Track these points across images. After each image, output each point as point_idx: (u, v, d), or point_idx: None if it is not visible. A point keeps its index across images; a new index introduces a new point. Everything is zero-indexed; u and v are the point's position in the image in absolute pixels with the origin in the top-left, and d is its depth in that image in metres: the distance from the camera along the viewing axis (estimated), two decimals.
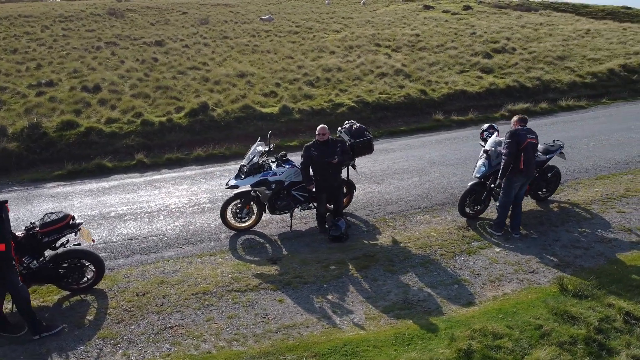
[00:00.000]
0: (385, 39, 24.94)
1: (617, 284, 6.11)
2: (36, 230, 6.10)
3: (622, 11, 42.84)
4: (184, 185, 10.39)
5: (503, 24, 29.74)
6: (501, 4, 43.73)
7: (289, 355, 5.20)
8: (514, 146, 7.24)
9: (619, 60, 19.86)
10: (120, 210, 9.11)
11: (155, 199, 9.61)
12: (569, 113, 15.64)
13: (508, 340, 5.07)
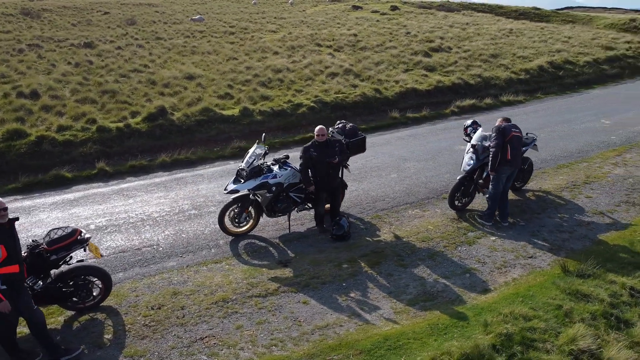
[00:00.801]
0: (325, 39, 25.26)
1: (610, 262, 6.73)
2: (42, 248, 5.71)
3: (532, 12, 46.13)
4: (158, 192, 10.04)
5: (432, 23, 31.11)
6: (424, 4, 45.68)
7: (334, 354, 5.27)
8: (501, 138, 7.75)
9: (545, 57, 21.52)
10: (99, 222, 8.67)
11: (133, 208, 9.22)
12: (510, 107, 16.74)
13: (538, 321, 5.46)
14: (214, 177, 10.74)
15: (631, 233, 7.64)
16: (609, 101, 16.95)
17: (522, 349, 5.02)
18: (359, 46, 23.67)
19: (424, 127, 14.65)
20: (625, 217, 8.24)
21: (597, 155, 11.31)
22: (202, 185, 10.36)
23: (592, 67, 21.49)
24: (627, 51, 24.05)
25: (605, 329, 5.32)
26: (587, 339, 4.97)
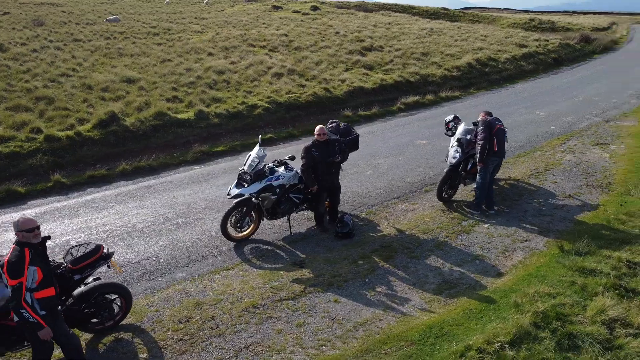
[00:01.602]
0: (256, 39, 25.12)
1: (597, 240, 7.45)
2: (67, 268, 5.31)
3: (442, 12, 48.84)
4: (131, 202, 9.57)
5: (357, 23, 31.97)
6: (341, 4, 46.72)
7: (387, 348, 5.41)
8: (488, 131, 8.29)
9: (470, 55, 22.96)
10: (80, 237, 8.12)
11: (112, 220, 8.73)
12: (450, 103, 17.73)
13: (563, 297, 5.96)
14: (185, 183, 10.40)
15: (603, 212, 8.49)
16: (535, 94, 18.47)
17: (560, 324, 5.47)
18: (293, 46, 23.79)
19: (377, 124, 15.09)
20: (592, 199, 9.12)
21: (546, 144, 12.35)
22: (177, 192, 10.00)
23: (512, 64, 23.26)
24: (538, 48, 26.29)
25: (619, 299, 5.92)
26: (616, 309, 5.53)
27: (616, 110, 15.56)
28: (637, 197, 8.91)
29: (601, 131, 13.30)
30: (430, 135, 13.30)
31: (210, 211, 9.03)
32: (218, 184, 10.33)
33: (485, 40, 27.34)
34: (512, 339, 5.19)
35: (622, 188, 9.43)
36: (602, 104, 16.35)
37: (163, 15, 35.63)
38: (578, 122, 14.26)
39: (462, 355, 5.08)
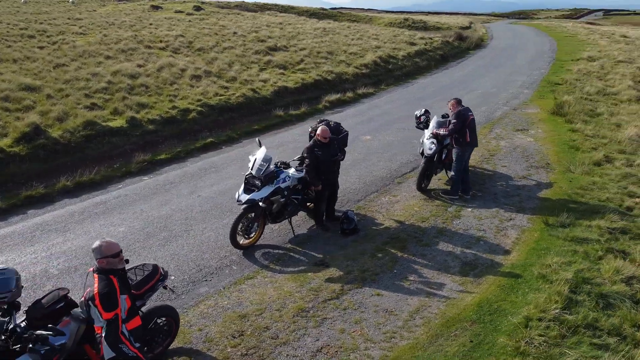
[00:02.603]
0: (151, 40, 23.89)
1: (569, 213, 8.45)
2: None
3: (320, 12, 50.30)
4: (96, 221, 8.78)
5: (249, 23, 31.79)
6: (222, 4, 45.99)
7: (454, 329, 5.71)
8: (459, 124, 8.98)
9: (371, 53, 24.13)
10: (59, 264, 7.31)
11: (85, 242, 7.94)
12: (368, 99, 18.53)
13: (577, 264, 6.73)
14: (144, 196, 9.75)
15: (559, 189, 9.63)
16: (439, 88, 19.99)
17: (589, 287, 6.21)
18: (195, 47, 23.03)
19: (310, 123, 15.18)
20: (542, 178, 10.28)
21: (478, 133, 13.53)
22: (140, 205, 9.35)
23: (409, 61, 24.90)
24: (425, 46, 28.40)
25: (622, 260, 6.86)
26: (628, 267, 6.41)
27: (516, 100, 17.50)
28: (579, 174, 10.23)
29: (515, 119, 14.90)
30: (371, 131, 13.86)
31: (193, 221, 8.60)
32: (183, 193, 9.83)
33: (378, 39, 28.85)
34: (563, 305, 5.78)
35: (560, 167, 10.75)
36: (503, 95, 18.26)
37: (28, 15, 32.13)
38: (492, 112, 15.80)
39: (527, 326, 5.56)
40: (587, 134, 12.65)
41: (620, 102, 16.29)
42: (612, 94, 17.42)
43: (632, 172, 10.07)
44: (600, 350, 5.20)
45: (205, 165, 11.35)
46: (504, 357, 5.20)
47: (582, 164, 10.53)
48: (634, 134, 12.14)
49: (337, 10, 56.15)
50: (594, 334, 5.42)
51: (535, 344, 5.24)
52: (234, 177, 10.45)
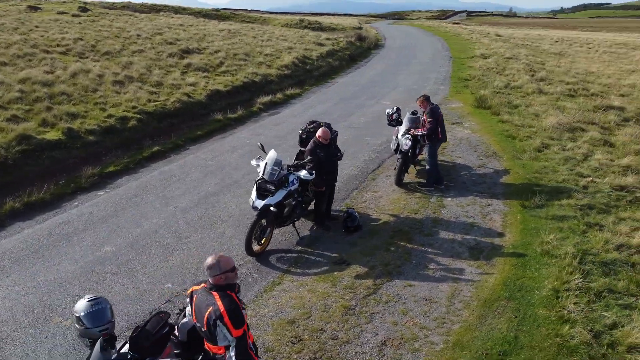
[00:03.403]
0: (47, 44, 21.98)
1: (539, 195, 9.38)
2: None
3: (213, 13, 49.48)
4: (75, 243, 8.10)
5: (148, 25, 30.38)
6: (108, 5, 43.32)
7: (494, 308, 6.17)
8: (435, 121, 9.60)
9: (286, 54, 24.37)
10: (63, 294, 6.67)
11: (80, 266, 7.31)
12: (298, 100, 18.76)
13: (571, 239, 7.56)
14: (112, 211, 9.12)
15: (517, 175, 10.62)
16: (361, 87, 20.72)
17: (591, 258, 7.04)
18: (101, 51, 21.58)
19: (251, 125, 15.12)
20: (497, 165, 11.26)
21: None
22: (113, 222, 8.76)
23: (323, 61, 25.50)
24: (333, 46, 29.24)
25: (601, 233, 7.83)
26: (614, 238, 7.36)
27: (437, 95, 18.77)
28: (527, 160, 11.37)
29: (446, 113, 15.96)
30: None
31: (186, 233, 8.27)
32: (156, 206, 9.38)
33: (286, 40, 29.12)
34: (581, 275, 6.51)
35: (507, 155, 11.84)
36: (426, 90, 19.46)
37: None
38: None
39: (557, 297, 6.20)
40: (516, 124, 14.03)
41: (527, 95, 18.20)
42: (517, 87, 19.38)
43: (570, 155, 11.42)
44: (627, 309, 5.98)
45: (163, 176, 10.82)
46: (552, 327, 5.76)
47: (525, 151, 11.70)
48: (555, 122, 13.71)
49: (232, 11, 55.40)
50: (616, 297, 6.20)
51: (574, 311, 5.86)
52: (201, 184, 10.17)
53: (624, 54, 38.01)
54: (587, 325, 5.67)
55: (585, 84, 20.78)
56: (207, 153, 12.42)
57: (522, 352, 5.44)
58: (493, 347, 5.52)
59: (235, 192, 9.89)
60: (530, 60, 26.96)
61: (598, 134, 13.26)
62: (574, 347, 5.40)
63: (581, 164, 10.92)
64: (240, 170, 11.03)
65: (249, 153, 12.14)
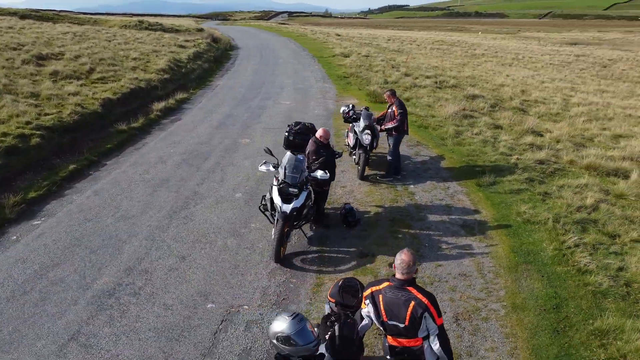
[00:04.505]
0: None
1: (487, 174, 10.65)
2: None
3: (32, 13, 44.62)
4: (42, 281, 7.18)
5: None
6: None
7: (521, 273, 7.10)
8: (404, 114, 10.40)
9: (157, 57, 23.23)
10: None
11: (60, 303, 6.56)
12: (191, 104, 18.13)
13: (540, 207, 8.88)
14: (72, 241, 8.16)
15: (452, 158, 11.88)
16: (249, 89, 20.72)
17: (565, 220, 8.38)
18: None
19: (160, 134, 14.29)
20: (429, 153, 12.44)
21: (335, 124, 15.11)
22: (84, 254, 7.92)
23: (194, 64, 24.82)
24: (196, 48, 28.53)
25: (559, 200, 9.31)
26: (572, 201, 8.85)
27: (329, 93, 19.67)
28: (451, 145, 12.79)
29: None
30: (240, 134, 13.96)
31: (185, 250, 7.81)
32: (123, 229, 8.62)
33: (144, 42, 27.57)
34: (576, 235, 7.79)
35: (431, 142, 13.16)
36: (313, 90, 20.22)
37: None
38: (326, 105, 17.57)
39: (563, 255, 7.36)
40: (420, 115, 15.55)
41: (408, 88, 20.11)
42: (394, 82, 21.25)
43: (485, 138, 13.14)
44: (620, 255, 7.38)
45: (102, 195, 9.86)
46: (577, 278, 6.87)
47: (444, 138, 13.14)
48: (453, 112, 15.52)
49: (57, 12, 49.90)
50: (605, 247, 7.58)
51: (586, 263, 7.05)
52: (157, 200, 9.59)
53: (447, 50, 43.55)
54: (602, 272, 6.89)
55: (440, 77, 23.50)
56: (134, 167, 11.51)
57: (569, 302, 6.43)
58: (544, 303, 6.41)
59: (203, 202, 9.48)
60: (384, 57, 29.50)
61: (488, 119, 15.37)
62: (605, 291, 6.56)
63: (496, 145, 12.64)
64: (191, 181, 10.53)
65: (182, 162, 11.65)
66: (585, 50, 55.60)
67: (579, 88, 27.17)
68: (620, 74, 38.34)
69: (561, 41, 72.94)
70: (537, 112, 18.46)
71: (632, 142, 13.95)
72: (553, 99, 21.75)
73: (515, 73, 30.87)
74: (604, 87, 28.91)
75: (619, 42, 74.60)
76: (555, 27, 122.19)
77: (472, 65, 33.65)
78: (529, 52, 48.63)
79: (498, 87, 23.65)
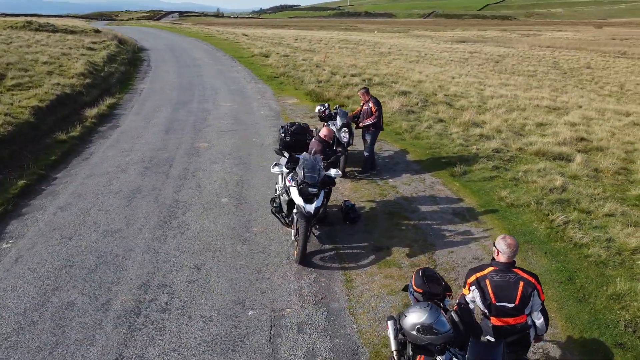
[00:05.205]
0: None
1: (455, 165, 11.33)
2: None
3: None
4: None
5: None
6: None
7: (525, 251, 7.74)
8: (381, 110, 10.75)
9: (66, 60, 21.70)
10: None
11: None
12: (123, 109, 17.19)
13: (517, 191, 9.65)
14: (63, 262, 7.66)
15: (416, 152, 12.45)
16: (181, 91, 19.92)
17: (547, 200, 9.20)
18: None
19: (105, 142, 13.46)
20: (392, 147, 12.91)
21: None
22: (96, 268, 7.45)
23: (110, 67, 23.48)
24: (107, 50, 26.99)
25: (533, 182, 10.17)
26: (545, 184, 9.73)
27: (267, 93, 19.61)
28: (410, 139, 13.41)
29: (295, 110, 17.08)
30: (195, 139, 13.58)
31: (197, 259, 7.57)
32: (116, 243, 8.17)
33: (48, 45, 25.57)
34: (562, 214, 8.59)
35: (389, 138, 13.69)
36: (249, 91, 20.00)
37: None
38: (269, 106, 17.53)
39: (557, 232, 8.12)
40: None
41: (343, 86, 20.62)
42: (327, 81, 21.68)
43: (438, 131, 13.92)
44: (602, 228, 8.27)
45: (70, 211, 9.17)
46: (576, 252, 7.62)
47: (401, 133, 13.75)
48: (397, 107, 16.23)
49: None
50: (588, 220, 8.47)
51: (581, 237, 7.84)
52: (137, 211, 9.14)
53: (355, 49, 44.97)
54: (597, 244, 7.71)
55: (364, 75, 24.33)
56: (93, 179, 10.80)
57: (578, 274, 7.14)
58: (558, 277, 7.07)
59: (191, 210, 9.19)
60: (305, 57, 29.90)
61: (430, 114, 16.27)
62: (605, 260, 7.36)
63: (451, 137, 13.47)
64: (165, 189, 10.13)
65: (146, 170, 11.17)
66: (475, 47, 60.23)
67: (485, 82, 29.39)
68: (512, 68, 42.14)
69: (450, 39, 78.22)
70: (462, 106, 19.75)
71: (557, 129, 15.47)
72: (469, 93, 23.36)
73: (425, 70, 32.68)
74: (505, 81, 31.53)
75: (500, 39, 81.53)
76: (439, 26, 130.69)
77: (384, 63, 35.06)
78: (427, 49, 51.65)
79: (417, 83, 24.91)
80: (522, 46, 66.70)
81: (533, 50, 60.68)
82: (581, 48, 67.78)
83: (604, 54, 60.35)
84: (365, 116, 10.89)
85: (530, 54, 55.06)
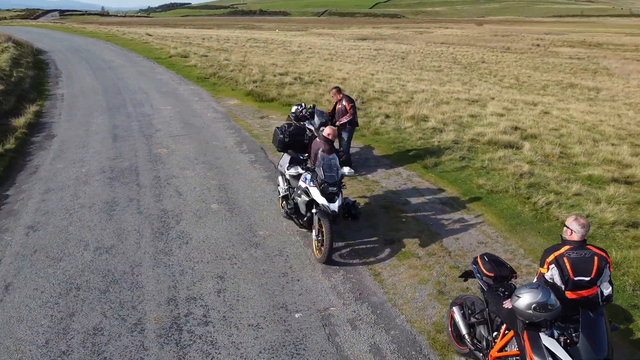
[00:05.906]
0: None
1: (425, 157, 11.89)
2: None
3: None
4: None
5: None
6: None
7: (520, 232, 8.42)
8: (354, 104, 11.01)
9: None
10: None
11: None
12: (50, 117, 16.11)
13: (494, 179, 10.38)
14: (69, 287, 7.22)
15: (381, 147, 12.85)
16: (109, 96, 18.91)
17: (523, 183, 10.00)
18: None
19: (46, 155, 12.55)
20: (357, 143, 13.29)
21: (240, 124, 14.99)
22: (106, 293, 7.06)
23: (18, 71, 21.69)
24: (7, 53, 24.81)
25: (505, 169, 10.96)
26: (514, 170, 10.56)
27: (203, 95, 19.17)
28: (370, 135, 13.84)
29: (242, 111, 16.87)
30: (149, 145, 13.05)
31: (215, 269, 7.41)
32: (111, 261, 7.79)
33: None
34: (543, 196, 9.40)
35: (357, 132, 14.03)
36: (184, 94, 19.43)
37: None
38: (210, 106, 17.16)
39: (542, 213, 8.91)
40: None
41: (280, 85, 20.67)
42: (262, 81, 21.61)
43: (394, 127, 14.49)
44: (577, 206, 9.18)
45: (44, 230, 8.62)
46: None
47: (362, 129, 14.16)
48: None
49: None
50: (563, 200, 9.36)
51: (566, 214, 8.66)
52: (125, 224, 8.81)
53: (266, 47, 44.99)
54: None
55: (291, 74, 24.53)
56: (54, 194, 10.09)
57: None
58: None
59: (184, 219, 8.91)
60: (225, 57, 29.47)
61: (375, 110, 16.87)
62: (593, 234, 8.20)
63: (408, 132, 14.10)
64: (144, 199, 9.72)
65: (111, 181, 10.66)
66: (378, 44, 62.65)
67: (402, 78, 30.79)
68: (419, 64, 44.43)
69: (351, 37, 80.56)
70: (394, 101, 20.62)
71: (490, 119, 16.71)
72: (394, 89, 24.39)
73: (343, 67, 33.52)
74: (419, 76, 33.23)
75: (397, 37, 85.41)
76: (335, 24, 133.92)
77: (300, 62, 35.43)
78: (335, 47, 52.86)
79: (343, 80, 25.55)
80: (419, 43, 70.43)
81: (430, 47, 64.29)
82: (471, 44, 73.00)
83: (492, 49, 65.47)
84: (340, 114, 11.11)
85: (429, 50, 58.31)
